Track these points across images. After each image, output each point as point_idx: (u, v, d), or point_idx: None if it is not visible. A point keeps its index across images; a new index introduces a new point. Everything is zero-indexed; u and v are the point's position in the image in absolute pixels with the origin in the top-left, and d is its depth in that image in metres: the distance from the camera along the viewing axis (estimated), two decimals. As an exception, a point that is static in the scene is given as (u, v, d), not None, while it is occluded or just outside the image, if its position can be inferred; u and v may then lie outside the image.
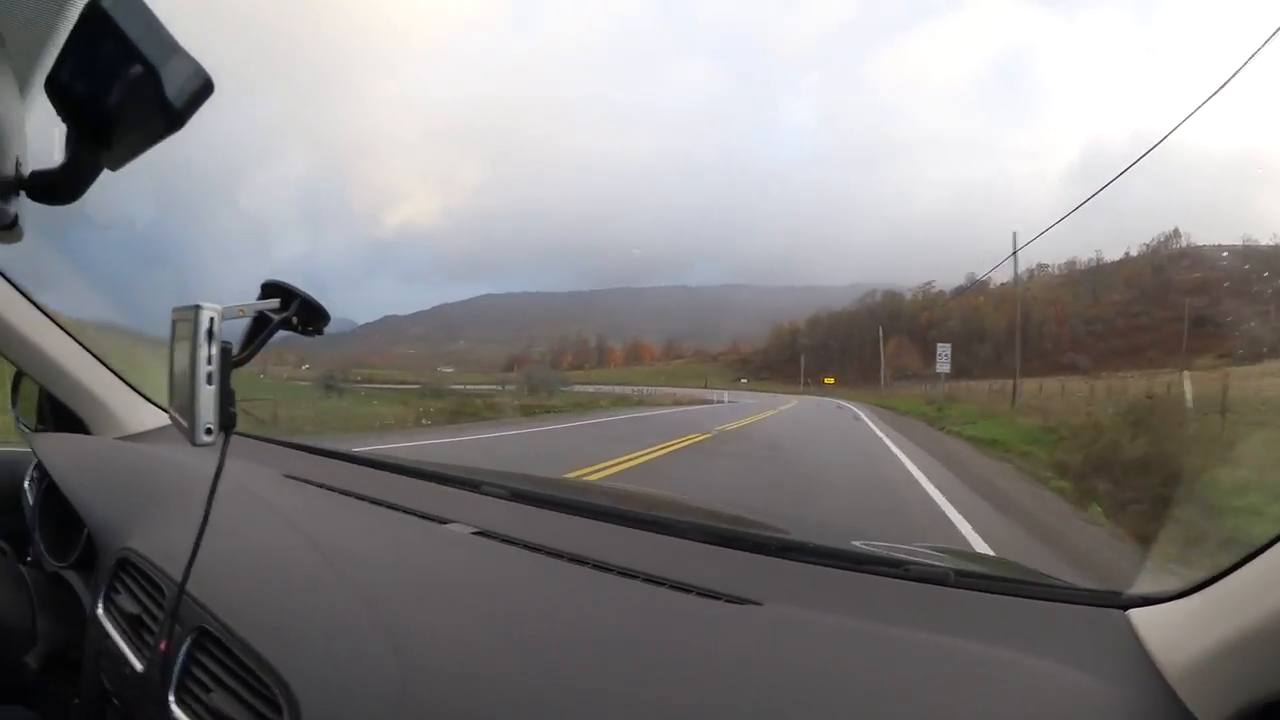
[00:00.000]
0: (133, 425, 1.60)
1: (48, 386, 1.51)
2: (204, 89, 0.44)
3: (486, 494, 1.17)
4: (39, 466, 1.38)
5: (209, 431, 0.56)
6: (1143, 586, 0.74)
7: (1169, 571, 0.89)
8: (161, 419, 1.64)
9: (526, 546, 0.89)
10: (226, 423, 0.58)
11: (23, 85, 0.54)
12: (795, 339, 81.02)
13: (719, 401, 32.51)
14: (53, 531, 1.21)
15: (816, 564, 0.85)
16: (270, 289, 0.68)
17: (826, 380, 65.27)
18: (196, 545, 0.65)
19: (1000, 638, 0.68)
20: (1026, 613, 0.76)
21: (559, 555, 0.85)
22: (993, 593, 0.79)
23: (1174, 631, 0.63)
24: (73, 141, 0.48)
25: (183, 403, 0.58)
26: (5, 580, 1.04)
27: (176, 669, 0.75)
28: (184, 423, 0.57)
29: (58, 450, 1.33)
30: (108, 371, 1.56)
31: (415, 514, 1.04)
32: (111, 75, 0.43)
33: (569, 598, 0.77)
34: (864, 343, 75.79)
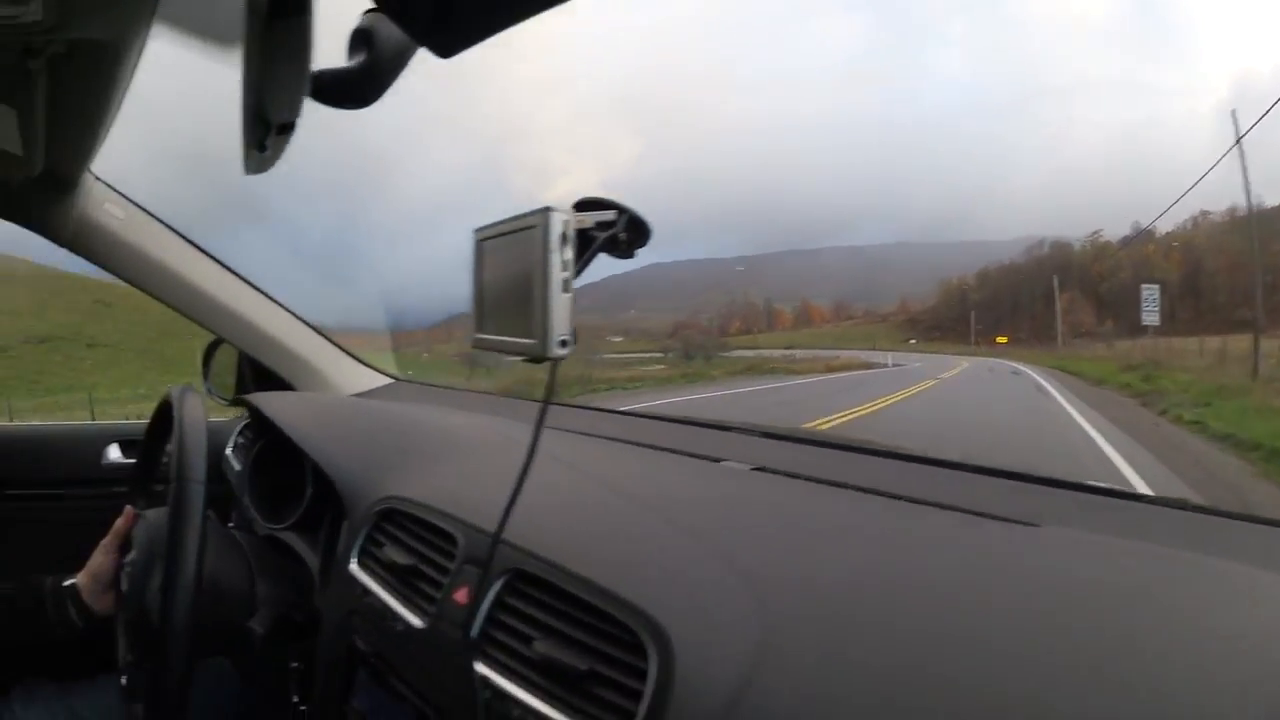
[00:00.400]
0: (349, 388, 1.57)
1: (252, 352, 1.49)
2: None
3: (738, 433, 1.17)
4: (248, 430, 1.38)
5: (564, 344, 0.49)
6: None
7: None
8: (379, 380, 1.61)
9: (808, 479, 0.86)
10: (573, 339, 0.51)
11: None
12: (964, 296, 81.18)
13: (883, 366, 29.85)
14: (266, 494, 1.17)
15: (1079, 492, 0.82)
16: (589, 205, 0.59)
17: (999, 339, 60.49)
18: (518, 487, 0.57)
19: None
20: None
21: (845, 486, 0.82)
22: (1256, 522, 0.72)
23: None
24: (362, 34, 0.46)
25: (528, 317, 0.50)
26: (219, 545, 0.97)
27: (481, 619, 0.66)
28: (525, 341, 0.50)
29: (286, 407, 1.27)
30: (317, 335, 1.54)
31: (693, 455, 1.01)
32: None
33: (880, 530, 0.72)
34: (1035, 297, 74.97)
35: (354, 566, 0.87)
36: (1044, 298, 76.86)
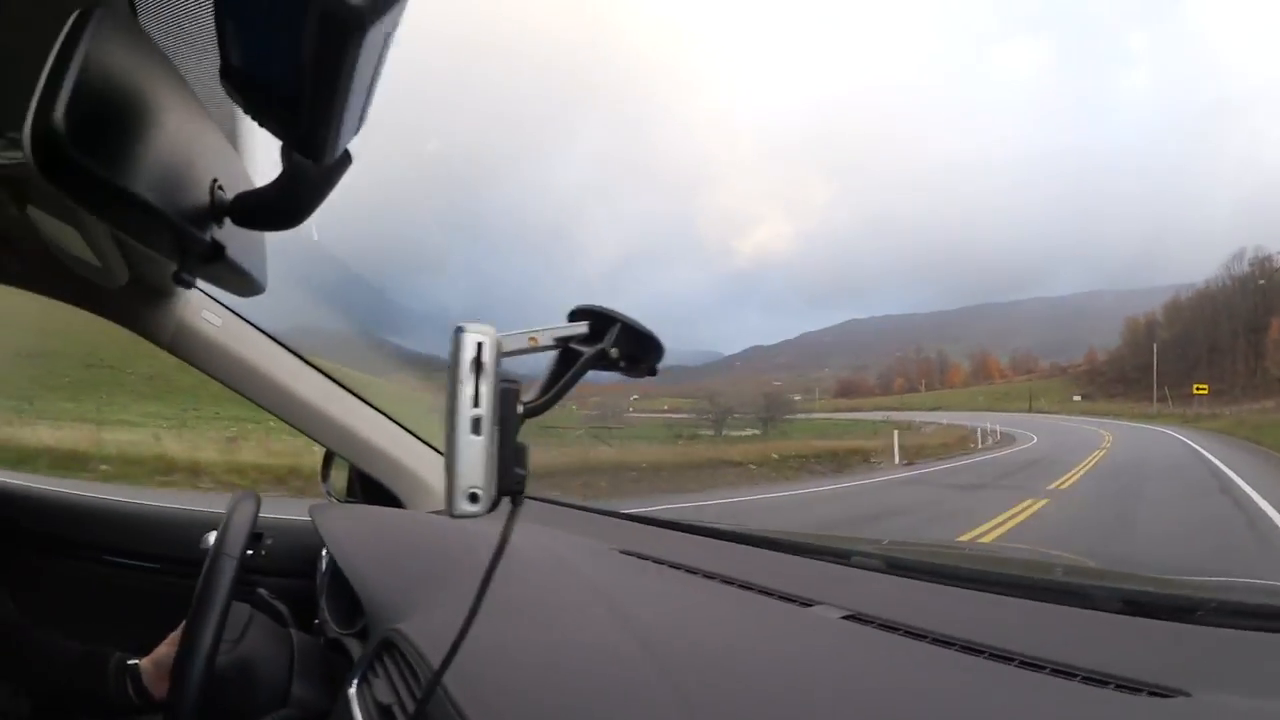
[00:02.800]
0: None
1: (356, 463, 1.49)
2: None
3: (856, 566, 1.03)
4: None
5: (473, 499, 0.43)
6: None
7: None
8: None
9: (909, 633, 0.74)
10: (509, 487, 0.45)
11: (210, 101, 0.52)
12: (1152, 335, 67.28)
13: (976, 448, 21.37)
14: (342, 599, 1.15)
15: (1239, 629, 0.69)
16: (580, 315, 0.54)
17: (1198, 389, 42.21)
18: (462, 634, 0.52)
19: None
20: None
21: (949, 643, 0.71)
22: None
23: None
24: (285, 153, 0.45)
25: (447, 459, 0.45)
26: (268, 639, 1.03)
27: None
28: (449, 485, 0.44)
29: (339, 520, 1.28)
30: (423, 446, 1.51)
31: (773, 594, 0.90)
32: (264, 22, 0.38)
33: (966, 699, 0.63)
34: (1238, 331, 61.27)
35: (351, 691, 0.86)
36: (1252, 331, 62.15)
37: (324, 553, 1.33)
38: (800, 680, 0.68)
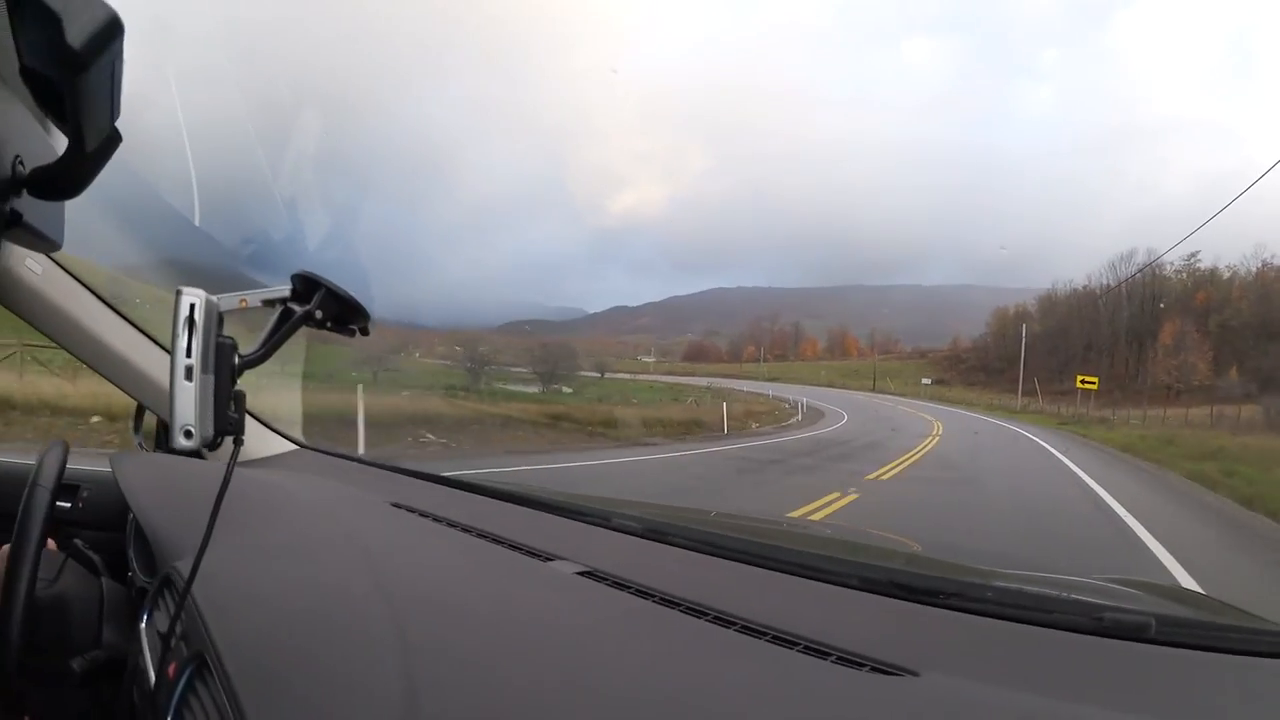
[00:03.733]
0: (252, 453, 1.59)
1: (157, 412, 1.52)
2: (109, 28, 0.44)
3: (617, 528, 1.10)
4: None
5: (188, 435, 0.50)
6: None
7: None
8: (284, 446, 1.67)
9: (639, 591, 0.79)
10: (224, 428, 0.54)
11: (9, 81, 0.56)
12: (1021, 329, 60.02)
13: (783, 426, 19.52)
14: (146, 547, 1.16)
15: (986, 616, 0.71)
16: (296, 281, 0.62)
17: (1084, 382, 34.77)
18: (195, 564, 0.59)
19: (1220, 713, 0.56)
20: (1257, 676, 0.60)
21: (674, 604, 0.75)
22: (1214, 649, 0.64)
23: None
24: (69, 132, 0.49)
25: (169, 403, 0.53)
26: (80, 584, 1.04)
27: (175, 697, 0.69)
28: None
29: (138, 469, 1.33)
30: None
31: (521, 549, 0.97)
32: (30, 33, 0.43)
33: (675, 655, 0.66)
34: (1118, 331, 55.37)
35: (142, 626, 0.93)
36: (1134, 331, 53.64)
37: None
38: (518, 627, 0.73)
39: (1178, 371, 43.23)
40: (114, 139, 0.53)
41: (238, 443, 0.58)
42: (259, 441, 1.64)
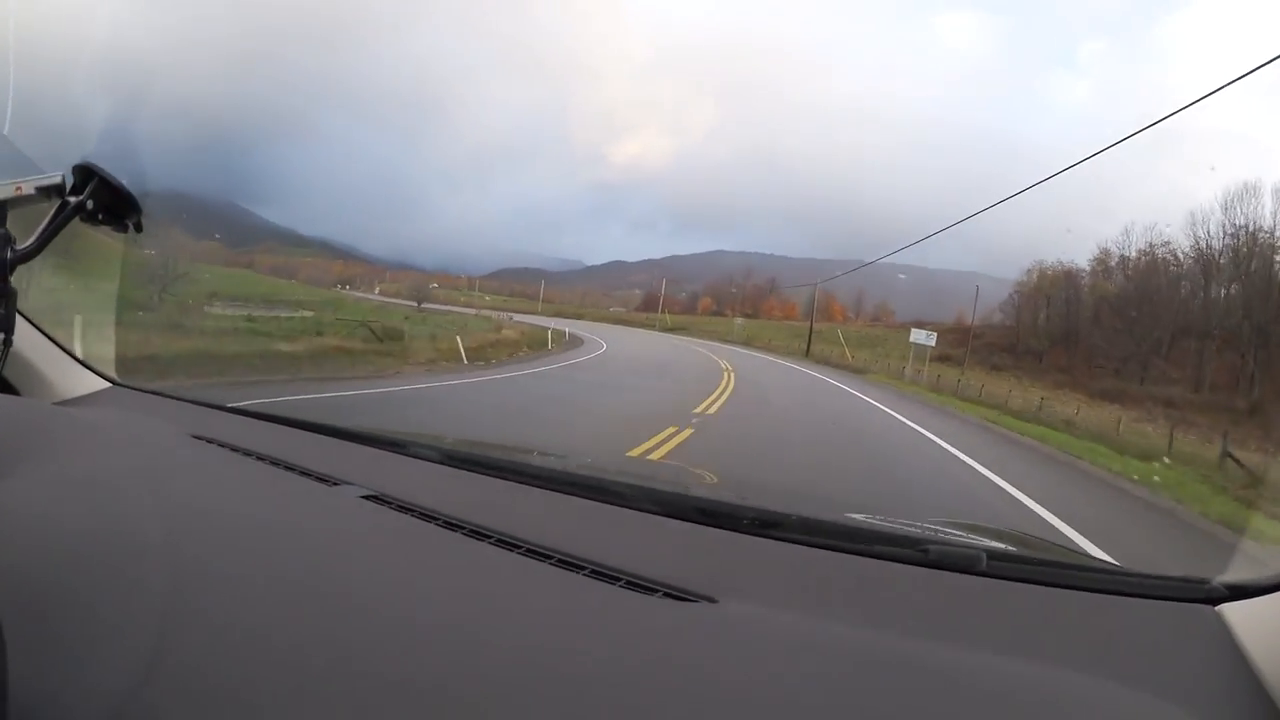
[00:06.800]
0: (66, 391, 1.52)
1: None
2: None
3: (412, 455, 1.11)
4: None
5: None
6: (1235, 574, 0.60)
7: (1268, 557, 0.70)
8: (98, 384, 1.59)
9: (422, 514, 0.79)
10: None
11: None
12: (1078, 293, 43.40)
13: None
14: None
15: (802, 543, 0.72)
16: (76, 172, 0.57)
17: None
18: None
19: (1049, 645, 0.56)
20: (1081, 609, 0.61)
21: (458, 527, 0.75)
22: (1037, 583, 0.65)
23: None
24: None
25: None
26: None
27: None
28: None
29: None
30: (38, 333, 1.47)
31: (310, 475, 0.98)
32: None
33: (452, 575, 0.66)
34: (1240, 318, 33.86)
35: None
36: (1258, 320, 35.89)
37: None
38: (292, 546, 0.73)
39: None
40: None
41: (7, 343, 0.53)
42: (74, 380, 1.51)
